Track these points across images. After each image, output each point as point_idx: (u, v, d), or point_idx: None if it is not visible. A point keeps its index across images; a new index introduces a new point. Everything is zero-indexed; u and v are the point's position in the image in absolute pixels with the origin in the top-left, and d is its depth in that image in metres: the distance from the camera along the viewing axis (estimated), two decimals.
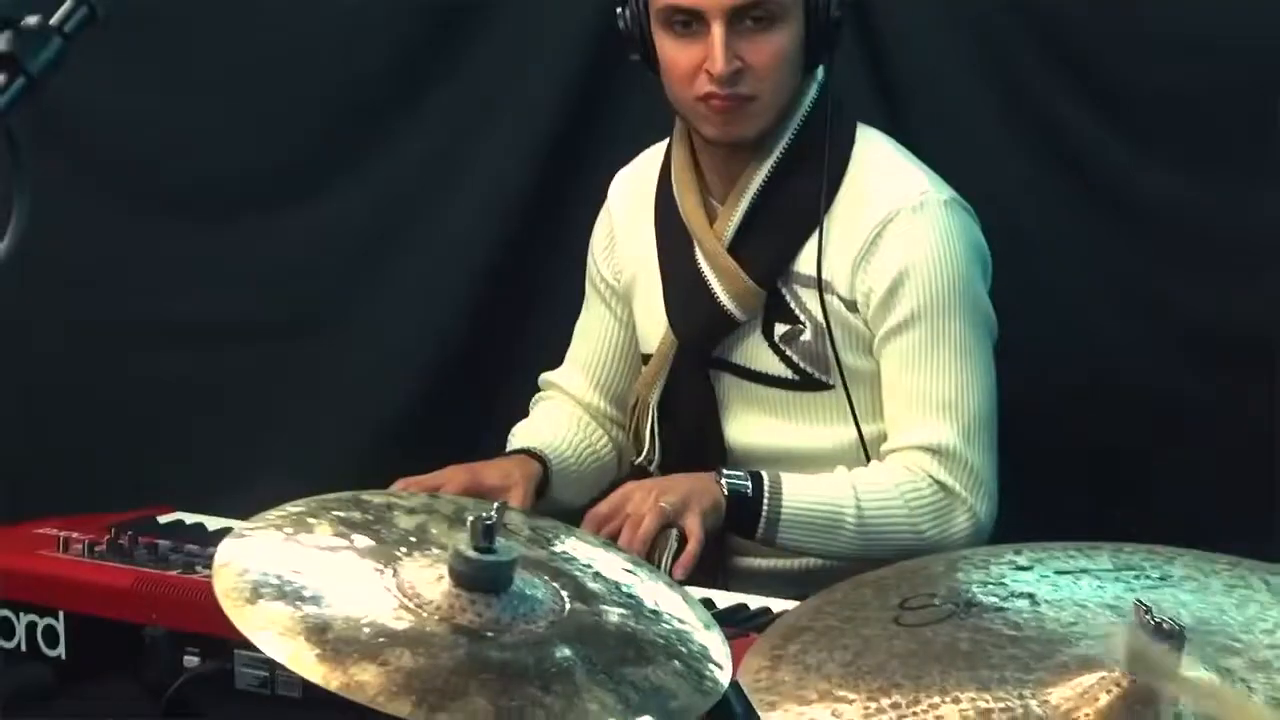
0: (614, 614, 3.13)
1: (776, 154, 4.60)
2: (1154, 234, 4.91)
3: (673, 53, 4.56)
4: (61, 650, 4.21)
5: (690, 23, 4.50)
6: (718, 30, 4.46)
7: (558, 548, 3.28)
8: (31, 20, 2.58)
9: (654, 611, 3.18)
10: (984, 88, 4.98)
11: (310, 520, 3.18)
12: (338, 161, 5.15)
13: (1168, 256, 4.87)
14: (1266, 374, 4.65)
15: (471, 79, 5.10)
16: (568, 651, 3.00)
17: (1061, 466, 4.68)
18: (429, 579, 3.06)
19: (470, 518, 3.04)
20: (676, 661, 3.09)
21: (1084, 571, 3.47)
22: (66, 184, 3.17)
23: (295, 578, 3.05)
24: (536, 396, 5.01)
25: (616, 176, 4.90)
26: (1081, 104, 4.92)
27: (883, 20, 5.01)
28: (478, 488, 4.52)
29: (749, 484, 4.46)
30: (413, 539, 3.20)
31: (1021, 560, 3.55)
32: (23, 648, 4.24)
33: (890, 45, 5.00)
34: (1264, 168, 4.74)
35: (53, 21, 2.62)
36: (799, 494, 4.47)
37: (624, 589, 3.21)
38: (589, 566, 3.23)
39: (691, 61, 4.54)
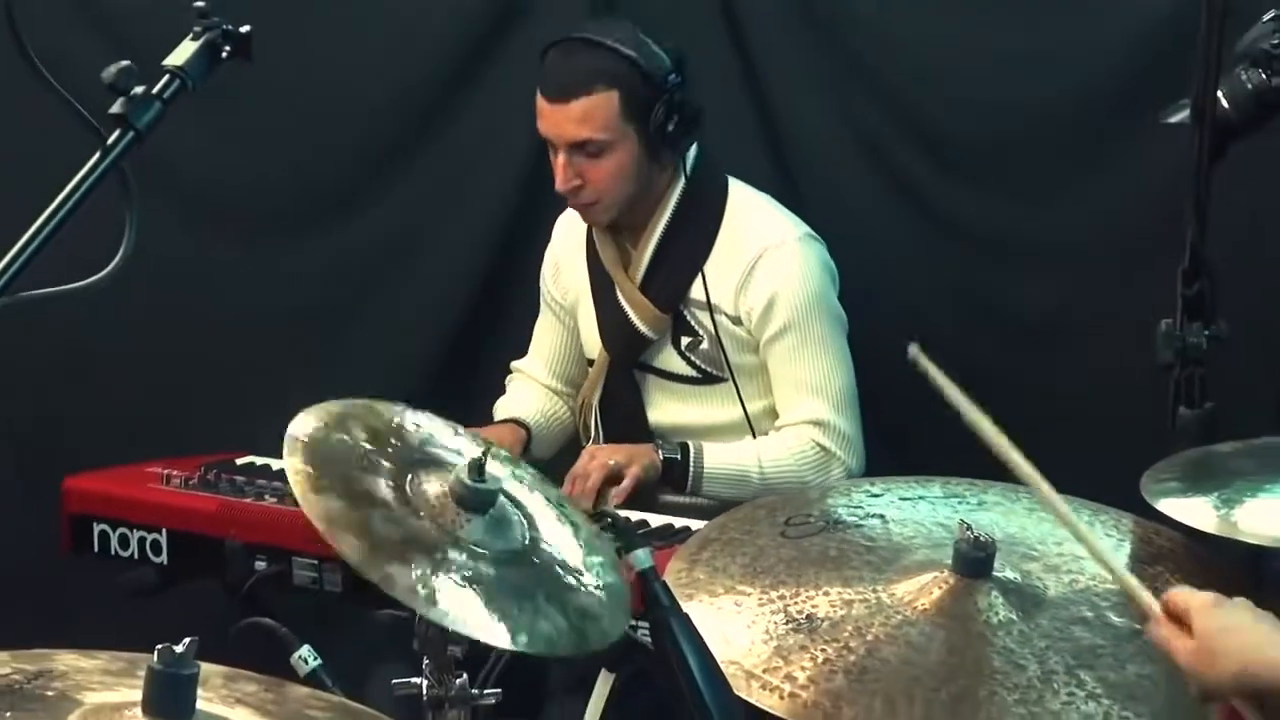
0: (567, 532, 3.09)
1: (665, 217, 4.63)
2: (968, 246, 4.89)
3: (552, 160, 4.57)
4: (164, 558, 4.23)
5: (554, 146, 4.55)
6: (561, 157, 4.52)
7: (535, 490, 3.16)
8: (139, 90, 2.51)
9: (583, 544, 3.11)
10: (842, 141, 4.93)
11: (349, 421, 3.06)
12: (365, 183, 5.07)
13: (980, 263, 4.84)
14: (1062, 352, 4.72)
15: (468, 129, 5.03)
16: (537, 559, 2.97)
17: (907, 430, 4.66)
18: (433, 489, 2.97)
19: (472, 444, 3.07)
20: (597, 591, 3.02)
21: (920, 498, 3.53)
22: (149, 202, 3.18)
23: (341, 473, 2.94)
24: (510, 377, 5.01)
25: (559, 219, 4.88)
26: (914, 153, 4.89)
27: (767, 87, 4.95)
28: (505, 434, 4.63)
29: (678, 454, 4.53)
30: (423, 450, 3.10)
31: (875, 489, 3.59)
32: (135, 556, 4.25)
33: (774, 110, 4.95)
34: (1046, 196, 4.76)
35: (154, 91, 2.54)
36: (716, 460, 4.54)
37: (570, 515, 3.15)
38: (554, 504, 3.17)
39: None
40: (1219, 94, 3.85)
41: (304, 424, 3.03)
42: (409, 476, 3.04)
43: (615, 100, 4.48)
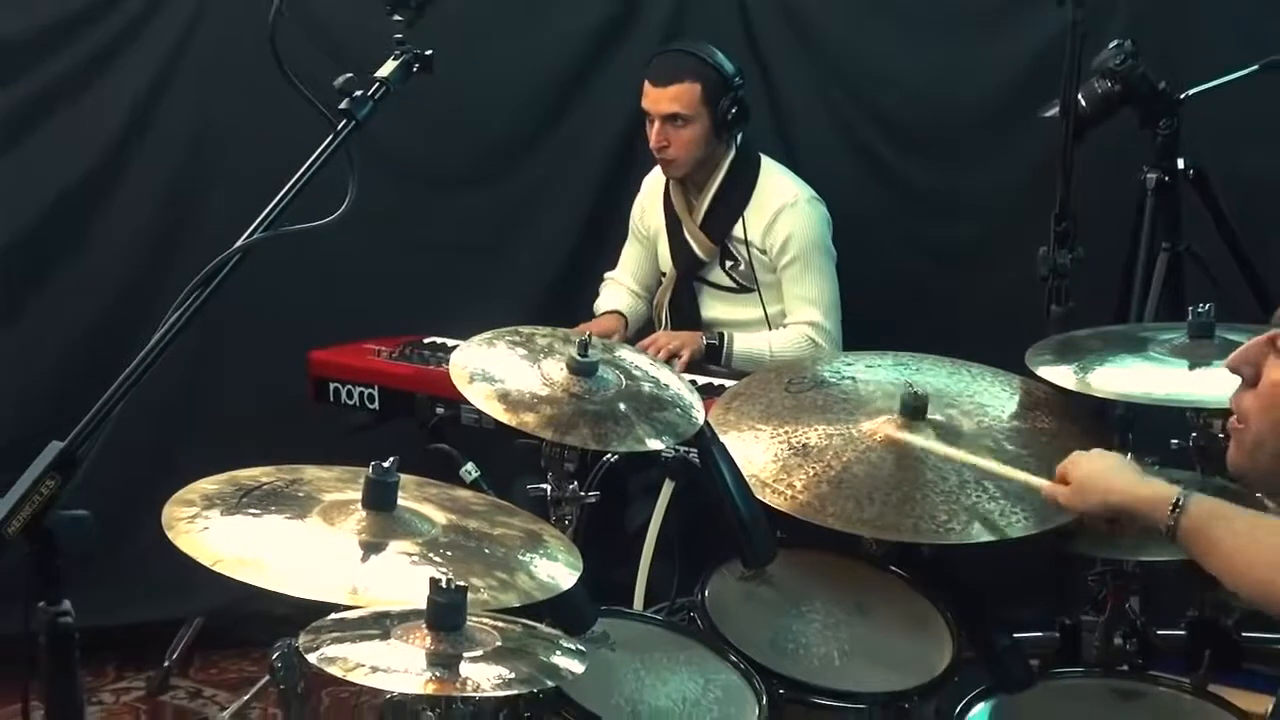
0: (645, 386, 3.11)
1: (720, 177, 4.59)
2: (913, 202, 4.83)
3: (648, 129, 4.54)
4: (376, 405, 4.23)
5: (651, 118, 4.51)
6: (656, 125, 4.51)
7: (622, 355, 3.24)
8: (358, 93, 2.46)
9: (664, 386, 3.15)
10: (826, 128, 4.85)
11: (496, 342, 3.13)
12: (510, 153, 5.00)
13: (921, 213, 4.82)
14: (978, 272, 4.74)
15: (582, 116, 4.94)
16: (623, 407, 3.00)
17: (872, 324, 4.62)
18: (556, 369, 3.04)
19: (576, 339, 3.09)
20: (676, 408, 3.08)
21: (878, 365, 3.55)
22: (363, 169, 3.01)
23: (490, 369, 3.04)
24: (603, 284, 4.95)
25: (645, 179, 4.81)
26: (876, 136, 4.82)
27: (777, 91, 4.90)
28: (598, 329, 4.56)
29: (718, 340, 4.52)
30: (546, 349, 3.13)
31: (848, 360, 3.61)
32: (356, 404, 4.25)
33: (784, 111, 4.87)
34: (967, 166, 4.78)
35: (368, 93, 2.48)
36: (742, 345, 4.52)
37: (649, 374, 3.18)
38: (635, 365, 3.20)
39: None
40: (1079, 96, 3.89)
41: (467, 349, 3.10)
42: (540, 361, 3.10)
43: (698, 89, 4.46)
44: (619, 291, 4.91)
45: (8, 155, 4.71)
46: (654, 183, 4.79)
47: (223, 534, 2.39)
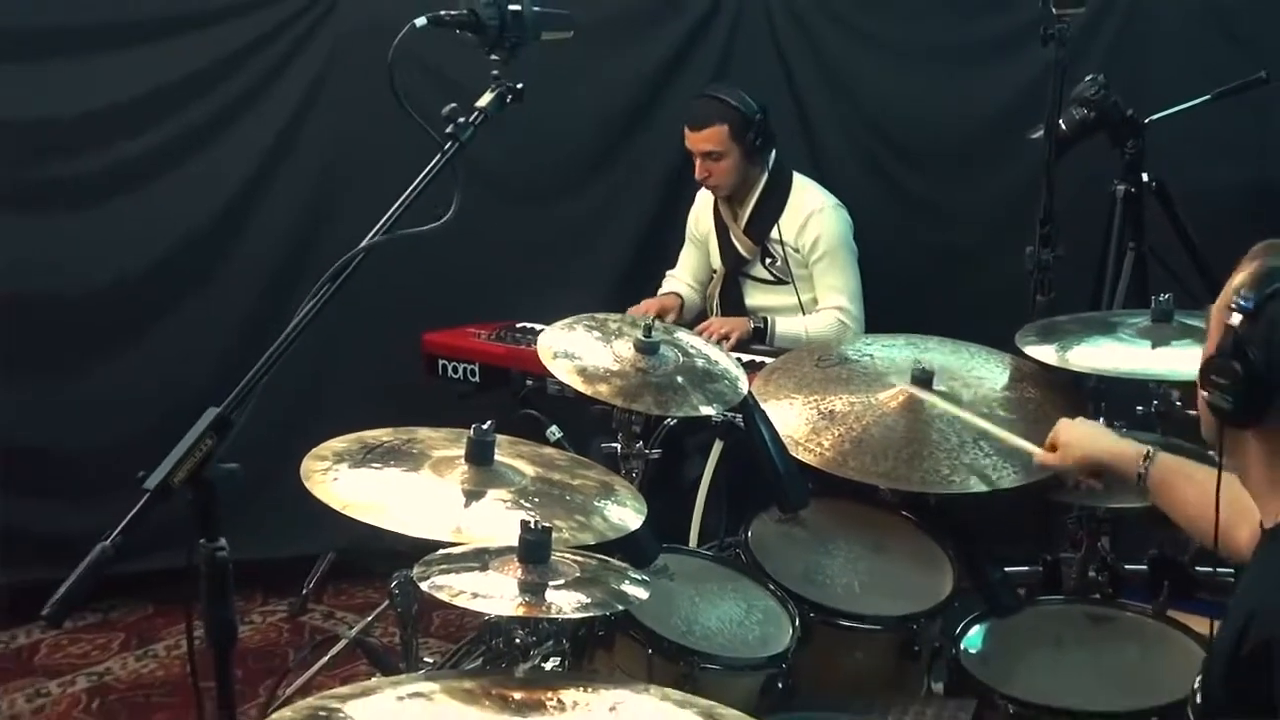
0: (699, 362, 3.09)
1: (757, 191, 4.53)
2: (917, 208, 4.80)
3: (694, 163, 4.49)
4: (476, 378, 4.23)
5: (694, 155, 4.47)
6: (697, 161, 4.48)
7: (680, 337, 3.20)
8: (462, 119, 2.42)
9: (714, 362, 3.13)
10: (845, 148, 4.83)
11: (575, 326, 3.12)
12: (583, 173, 4.98)
13: (923, 218, 4.78)
14: (974, 269, 4.70)
15: (645, 143, 4.94)
16: (680, 379, 3.01)
17: (888, 310, 4.59)
18: (625, 348, 3.04)
19: (642, 324, 3.08)
20: (725, 381, 3.06)
21: (893, 345, 3.51)
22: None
23: (571, 348, 3.04)
24: (664, 280, 4.89)
25: (698, 194, 4.75)
26: (886, 154, 4.79)
27: (808, 121, 4.86)
28: (659, 308, 4.57)
29: (763, 324, 4.47)
30: (617, 331, 3.13)
31: (867, 341, 3.58)
32: (460, 377, 4.25)
33: (815, 137, 4.83)
34: (964, 180, 4.74)
35: (470, 119, 2.44)
36: (783, 328, 4.46)
37: (702, 352, 3.16)
38: (691, 345, 3.17)
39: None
40: (1060, 122, 3.85)
41: (552, 332, 3.09)
42: (612, 342, 3.09)
43: (725, 129, 4.42)
44: (677, 285, 4.87)
45: (180, 170, 4.74)
46: (705, 196, 4.75)
47: (351, 484, 2.40)
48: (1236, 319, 2.00)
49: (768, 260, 4.62)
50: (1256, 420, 2.02)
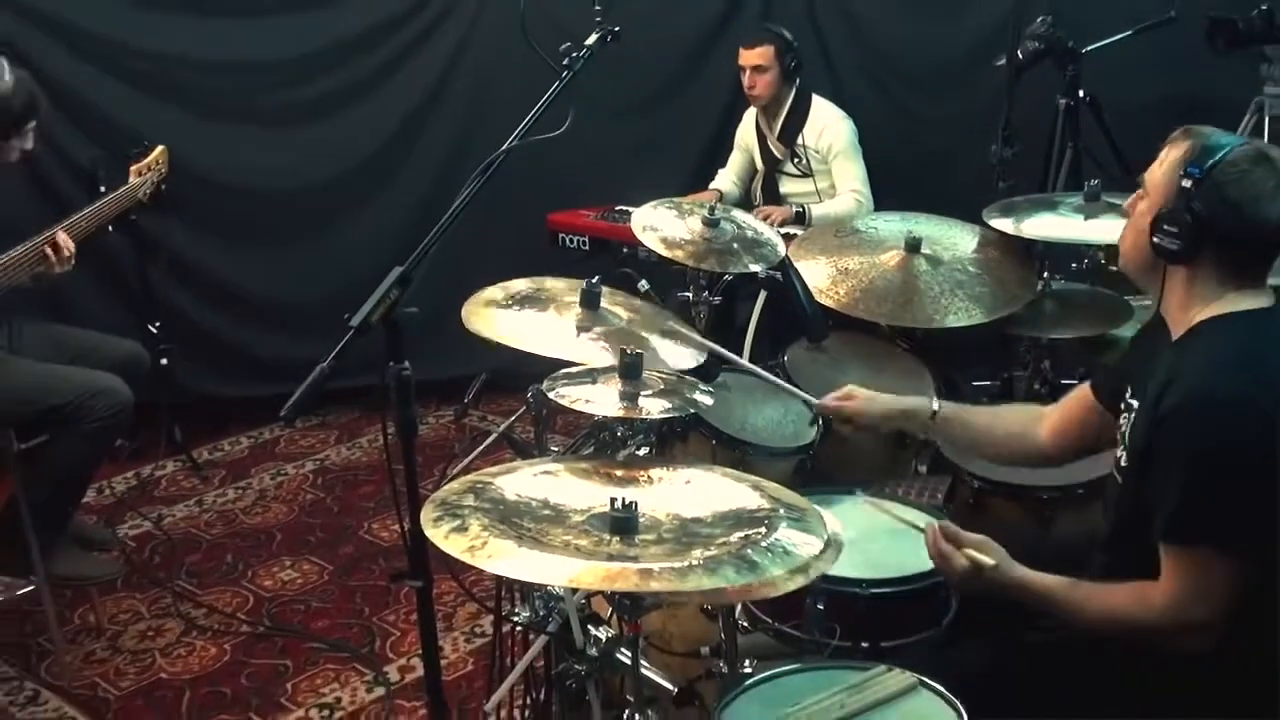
0: (749, 233, 3.00)
1: (787, 107, 4.44)
2: (912, 120, 4.70)
3: (742, 77, 4.41)
4: (587, 248, 4.27)
5: (744, 69, 4.39)
6: (747, 74, 4.39)
7: (736, 215, 3.07)
8: (574, 54, 2.32)
9: (760, 233, 3.04)
10: (861, 75, 4.75)
11: (658, 208, 3.05)
12: (655, 97, 4.96)
13: (917, 129, 4.72)
14: (954, 164, 4.46)
15: (704, 75, 4.86)
16: (736, 245, 2.93)
17: (889, 191, 4.50)
18: (695, 223, 2.95)
19: (706, 206, 3.02)
20: (768, 247, 2.97)
21: (892, 220, 3.39)
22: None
23: (655, 224, 2.97)
24: (718, 176, 4.74)
25: (745, 112, 4.63)
26: (890, 79, 4.72)
27: (832, 59, 4.76)
28: (704, 196, 4.43)
29: (801, 209, 4.36)
30: (688, 211, 3.03)
31: (872, 217, 3.47)
32: (576, 247, 4.27)
33: (834, 66, 4.73)
34: (947, 96, 4.63)
35: (579, 54, 2.32)
36: (818, 210, 4.34)
37: (753, 226, 3.04)
38: (744, 221, 3.06)
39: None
40: (1018, 52, 3.79)
41: (641, 212, 3.01)
42: (685, 218, 3.03)
43: (772, 49, 4.36)
44: (724, 180, 4.78)
45: (363, 105, 4.78)
46: (749, 114, 4.66)
47: (499, 320, 2.40)
48: (1188, 183, 1.93)
49: (795, 160, 4.52)
50: (1192, 258, 1.96)
